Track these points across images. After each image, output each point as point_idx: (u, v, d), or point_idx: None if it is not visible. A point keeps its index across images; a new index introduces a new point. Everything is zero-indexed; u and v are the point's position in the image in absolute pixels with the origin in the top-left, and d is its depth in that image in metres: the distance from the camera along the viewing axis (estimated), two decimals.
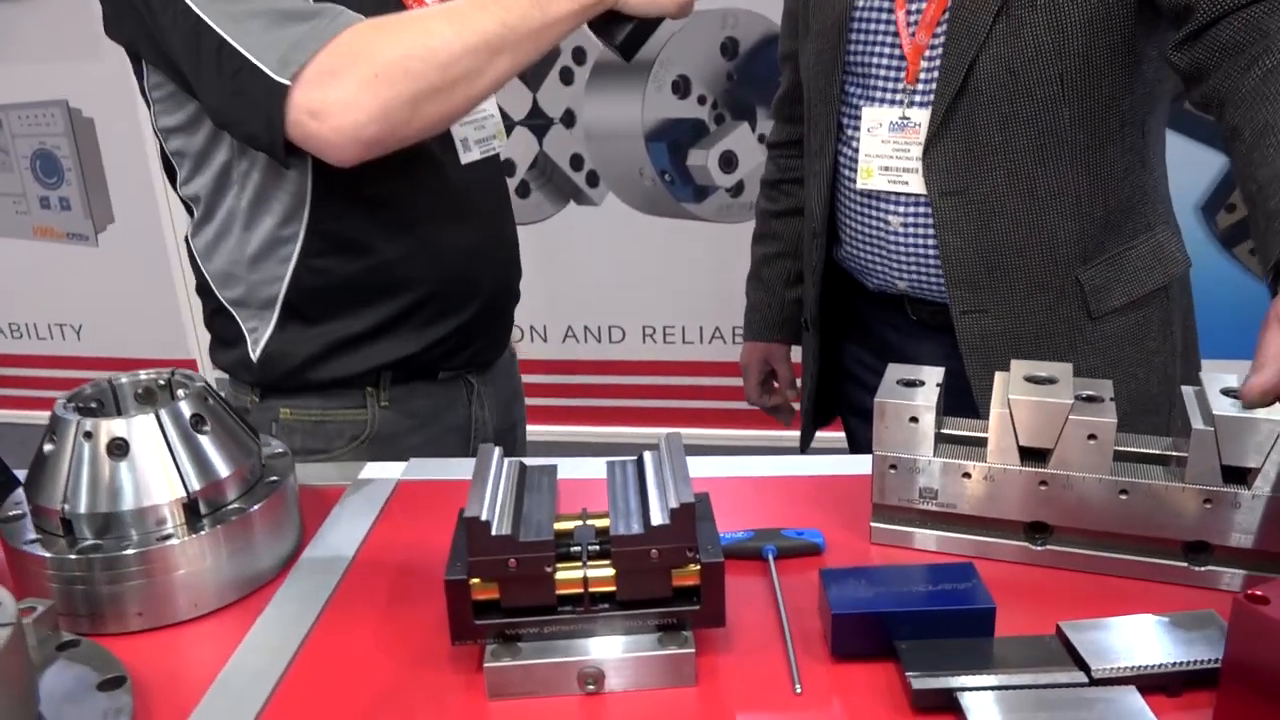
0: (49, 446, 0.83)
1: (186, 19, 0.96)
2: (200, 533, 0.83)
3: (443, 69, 0.95)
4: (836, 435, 1.52)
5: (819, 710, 0.69)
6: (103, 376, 0.91)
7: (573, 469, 0.99)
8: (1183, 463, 0.77)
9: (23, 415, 3.27)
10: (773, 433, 3.03)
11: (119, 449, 0.82)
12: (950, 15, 1.10)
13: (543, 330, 3.04)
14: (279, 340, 1.16)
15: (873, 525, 0.87)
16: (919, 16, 1.13)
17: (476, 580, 0.71)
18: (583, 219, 2.88)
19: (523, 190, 2.84)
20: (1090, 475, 0.79)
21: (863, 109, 1.19)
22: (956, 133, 1.12)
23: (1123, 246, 1.17)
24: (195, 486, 0.84)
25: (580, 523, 0.77)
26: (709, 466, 1.02)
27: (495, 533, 0.69)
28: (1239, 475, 0.76)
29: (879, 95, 1.18)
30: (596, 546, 0.73)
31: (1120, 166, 1.14)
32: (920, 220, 1.18)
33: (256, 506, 0.86)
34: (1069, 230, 1.14)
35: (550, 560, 0.70)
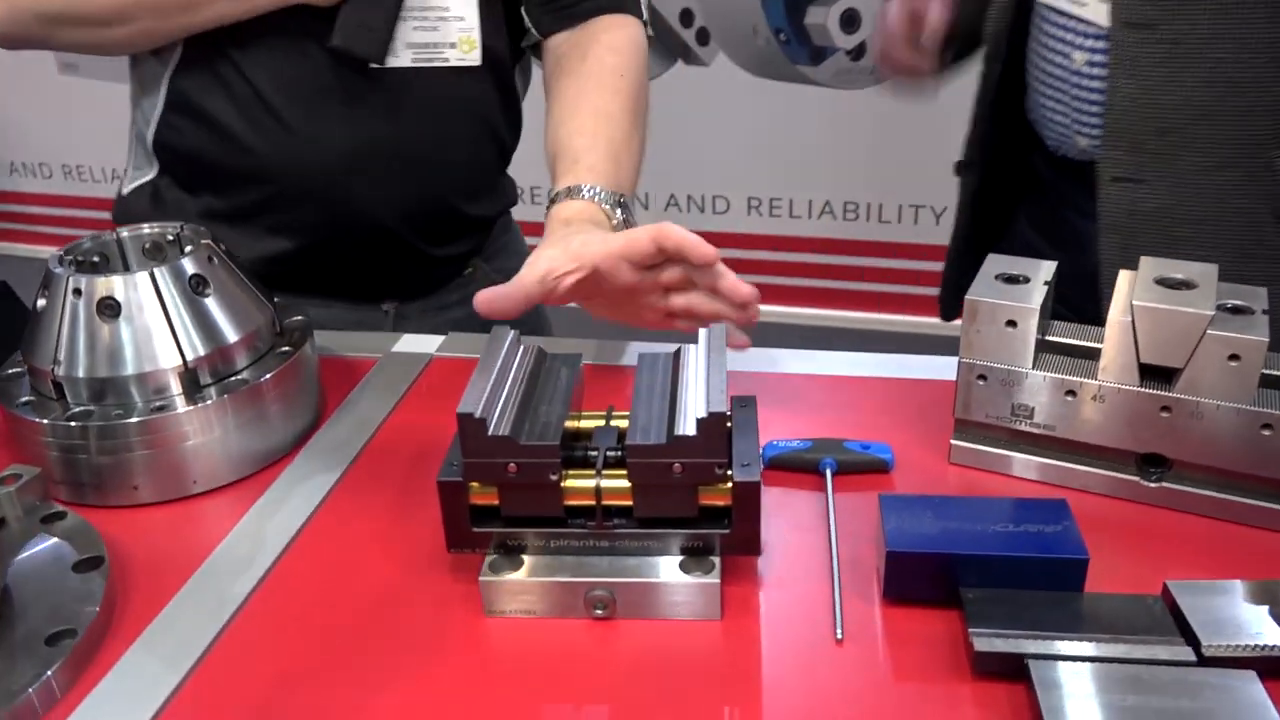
0: (41, 303, 0.76)
1: None
2: (201, 403, 0.76)
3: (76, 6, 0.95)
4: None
5: (860, 663, 0.59)
6: (108, 230, 0.84)
7: (612, 354, 0.89)
8: None
9: None
10: (874, 315, 2.87)
11: (110, 309, 0.74)
12: None
13: (644, 197, 2.91)
14: (146, 190, 1.08)
15: (953, 442, 0.75)
16: None
17: (475, 484, 0.62)
18: (690, 80, 2.71)
19: None
20: (1227, 404, 0.65)
21: None
22: None
23: None
24: (196, 353, 0.76)
25: (603, 423, 0.67)
26: (768, 359, 0.90)
27: (493, 432, 0.59)
28: None
29: None
30: (616, 453, 0.63)
31: None
32: (1106, 60, 0.96)
33: (266, 377, 0.79)
34: (1276, 98, 0.94)
35: (555, 467, 0.60)
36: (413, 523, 0.71)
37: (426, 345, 0.95)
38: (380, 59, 0.97)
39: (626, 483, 0.61)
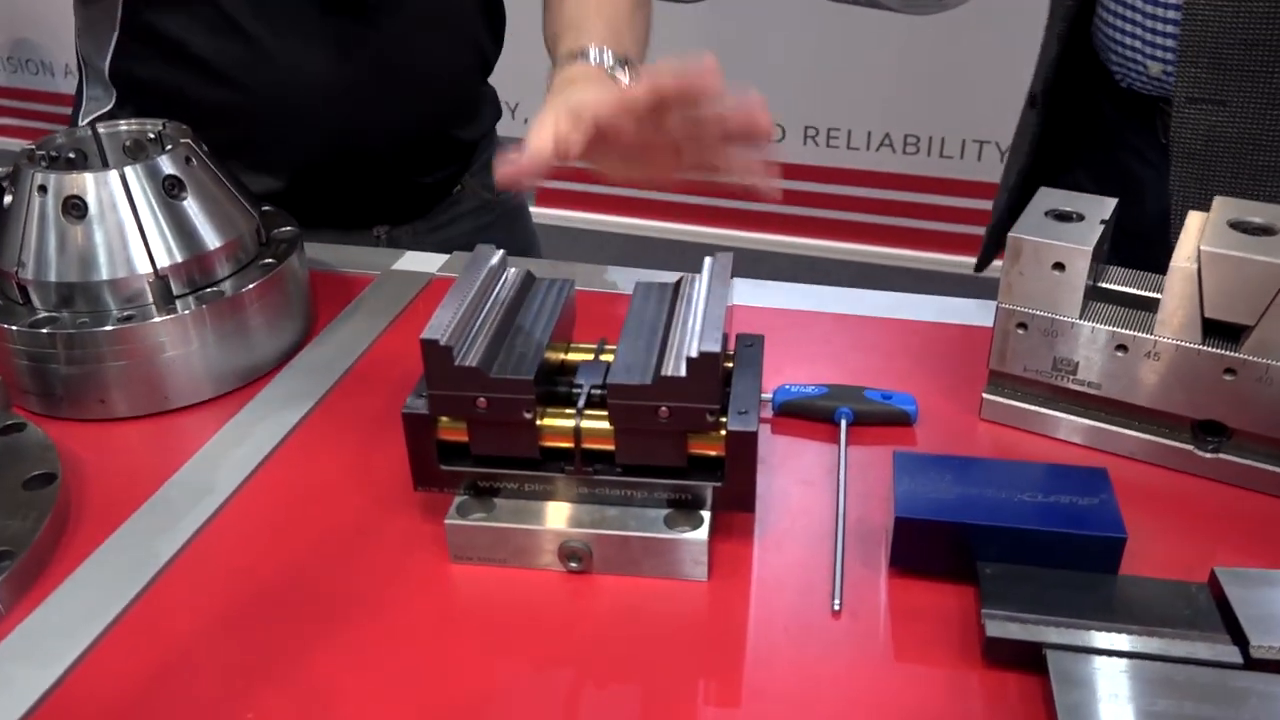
0: (7, 200, 0.71)
1: None
2: (173, 314, 0.71)
3: None
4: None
5: (856, 639, 0.52)
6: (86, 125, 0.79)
7: (614, 280, 0.82)
8: None
9: None
10: (930, 255, 2.76)
11: (75, 209, 0.69)
12: None
13: None
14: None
15: (985, 396, 0.67)
16: None
17: (445, 419, 0.56)
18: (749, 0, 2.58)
19: None
20: None
21: None
22: None
23: None
24: (169, 260, 0.71)
25: (592, 357, 0.60)
26: (788, 294, 0.83)
27: (460, 362, 0.53)
28: None
29: None
30: (601, 391, 0.56)
31: None
32: None
33: (247, 288, 0.74)
34: None
35: (529, 404, 0.54)
36: (388, 455, 0.66)
37: (428, 264, 0.89)
38: None
39: (609, 425, 0.55)
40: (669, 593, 0.55)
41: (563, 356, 0.61)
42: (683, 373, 0.52)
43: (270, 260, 0.76)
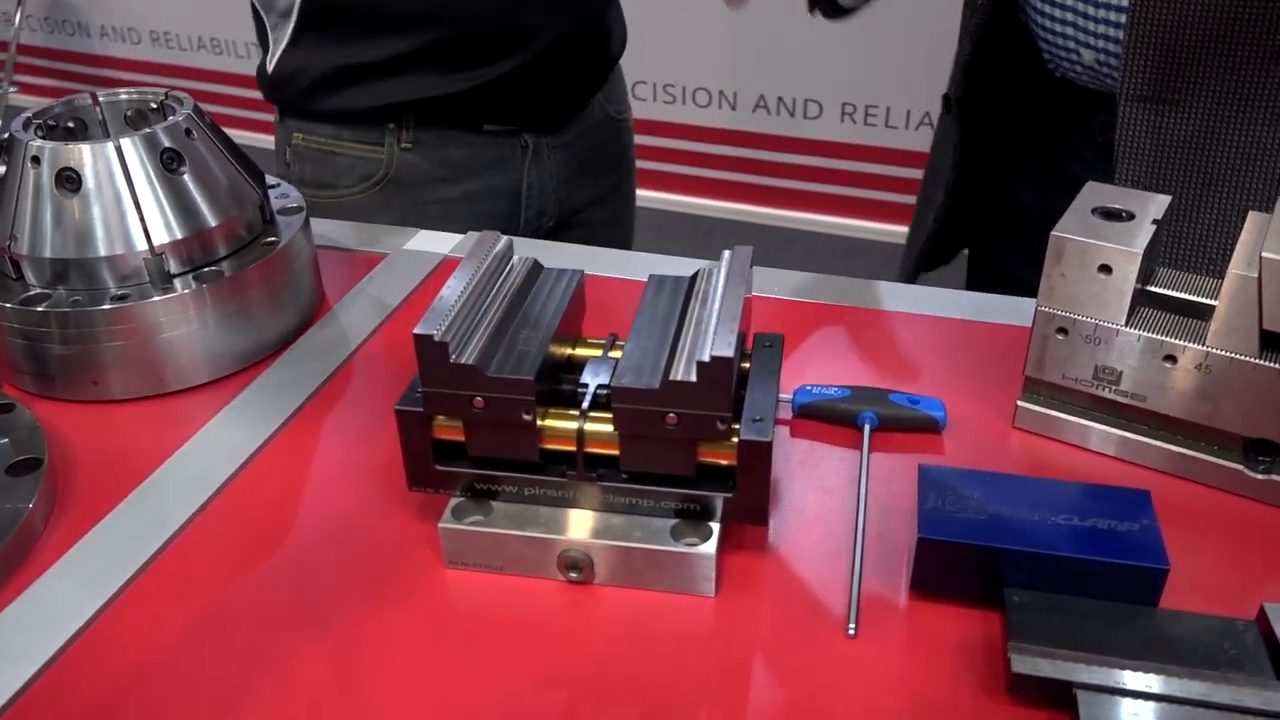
0: (1, 169, 0.69)
1: None
2: (170, 294, 0.68)
3: None
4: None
5: (871, 665, 0.49)
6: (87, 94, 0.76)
7: (632, 266, 0.78)
8: None
9: None
10: None
11: (69, 181, 0.66)
12: None
13: (731, 97, 2.75)
14: (294, 56, 1.04)
15: (1019, 404, 0.63)
16: None
17: (441, 417, 0.53)
18: None
19: None
20: None
21: None
22: None
23: None
24: (167, 237, 0.68)
25: (600, 353, 0.57)
26: (811, 285, 0.78)
27: (456, 360, 0.50)
28: None
29: None
30: (607, 392, 0.53)
31: None
32: None
33: (248, 268, 0.71)
34: None
35: (529, 406, 0.51)
36: (387, 448, 0.63)
37: (440, 244, 0.86)
38: None
39: (613, 429, 0.51)
40: (674, 607, 0.52)
41: (569, 352, 0.57)
42: (693, 378, 0.48)
43: (273, 239, 0.73)
